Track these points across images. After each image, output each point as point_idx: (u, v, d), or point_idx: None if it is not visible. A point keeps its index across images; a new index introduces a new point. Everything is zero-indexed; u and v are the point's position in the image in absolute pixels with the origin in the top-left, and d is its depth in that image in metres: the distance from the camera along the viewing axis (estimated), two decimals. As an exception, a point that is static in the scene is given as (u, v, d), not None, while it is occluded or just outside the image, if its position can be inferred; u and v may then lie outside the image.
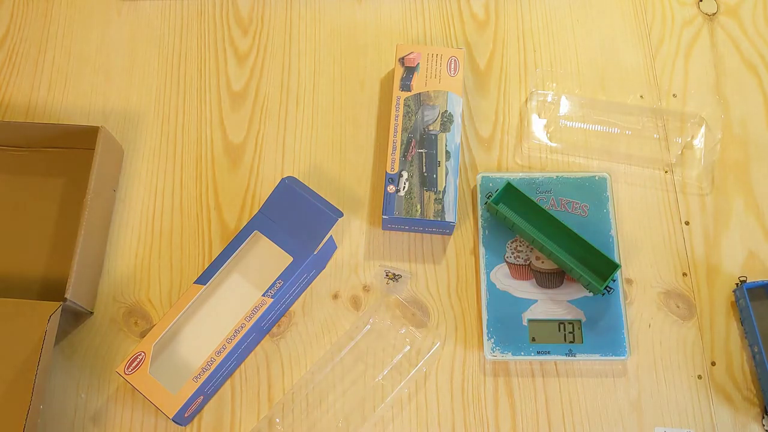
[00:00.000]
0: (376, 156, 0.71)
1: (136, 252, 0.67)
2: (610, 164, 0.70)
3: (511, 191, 0.64)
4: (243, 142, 0.72)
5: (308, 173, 0.71)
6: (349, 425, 0.61)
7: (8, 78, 0.75)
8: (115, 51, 0.76)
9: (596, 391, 0.62)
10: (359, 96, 0.74)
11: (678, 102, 0.73)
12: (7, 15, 0.78)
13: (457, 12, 0.78)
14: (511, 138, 0.72)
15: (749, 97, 0.74)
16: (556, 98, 0.72)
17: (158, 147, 0.72)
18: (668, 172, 0.70)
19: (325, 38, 0.77)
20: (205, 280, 0.61)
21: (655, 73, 0.75)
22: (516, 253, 0.65)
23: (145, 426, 0.61)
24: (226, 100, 0.74)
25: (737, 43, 0.76)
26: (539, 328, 0.62)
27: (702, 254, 0.67)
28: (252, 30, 0.77)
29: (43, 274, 0.66)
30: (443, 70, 0.69)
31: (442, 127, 0.67)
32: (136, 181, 0.70)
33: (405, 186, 0.64)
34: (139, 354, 0.58)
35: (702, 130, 0.71)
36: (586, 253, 0.62)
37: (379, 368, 0.62)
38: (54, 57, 0.76)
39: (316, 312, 0.65)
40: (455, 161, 0.65)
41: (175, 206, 0.69)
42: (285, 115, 0.73)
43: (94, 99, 0.74)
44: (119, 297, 0.65)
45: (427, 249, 0.67)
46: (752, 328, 0.62)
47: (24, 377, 0.55)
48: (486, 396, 0.62)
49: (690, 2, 0.78)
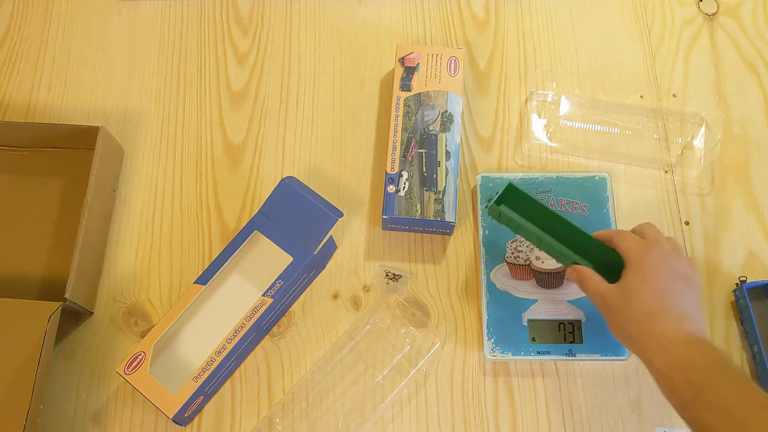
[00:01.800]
0: (376, 156, 0.71)
1: (136, 252, 0.67)
2: (610, 164, 0.70)
3: (512, 192, 0.60)
4: (243, 142, 0.72)
5: (308, 173, 0.71)
6: (349, 425, 0.61)
7: (8, 78, 0.75)
8: (115, 51, 0.76)
9: (596, 391, 0.62)
10: (359, 96, 0.74)
11: (678, 102, 0.73)
12: (7, 15, 0.78)
13: (457, 12, 0.78)
14: (511, 138, 0.72)
15: (749, 97, 0.74)
16: (556, 98, 0.72)
17: (158, 147, 0.72)
18: (668, 172, 0.70)
19: (325, 38, 0.77)
20: (205, 280, 0.61)
21: (655, 73, 0.75)
22: (516, 253, 0.65)
23: (145, 426, 0.61)
24: (226, 100, 0.74)
25: (737, 43, 0.76)
26: (539, 328, 0.62)
27: (702, 254, 0.67)
28: (252, 30, 0.77)
29: (43, 274, 0.66)
30: (443, 70, 0.69)
31: (442, 127, 0.67)
32: (136, 181, 0.70)
33: (405, 186, 0.64)
34: (139, 354, 0.58)
35: (702, 130, 0.71)
36: (597, 250, 0.59)
37: (379, 368, 0.62)
38: (54, 57, 0.76)
39: (316, 312, 0.65)
40: (455, 161, 0.65)
41: (175, 206, 0.69)
42: (285, 115, 0.73)
43: (94, 99, 0.74)
44: (119, 297, 0.65)
45: (427, 249, 0.67)
46: (752, 328, 0.62)
47: (24, 377, 0.55)
48: (486, 396, 0.62)
49: (690, 2, 0.78)
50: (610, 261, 0.57)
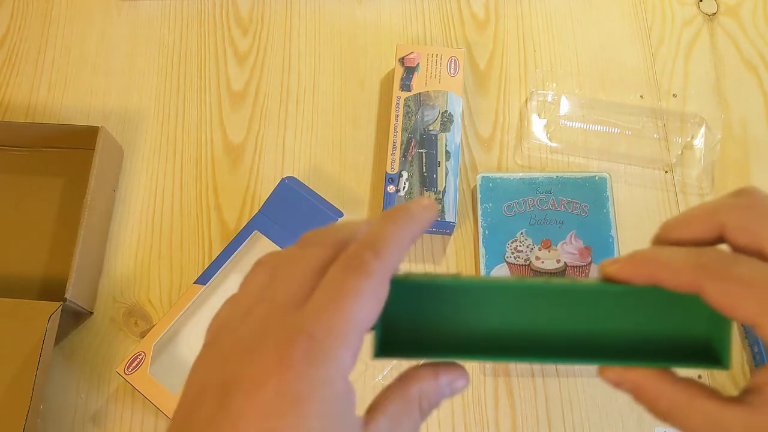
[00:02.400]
0: (376, 156, 0.71)
1: (136, 252, 0.67)
2: (610, 164, 0.70)
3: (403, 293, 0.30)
4: (243, 142, 0.72)
5: (308, 173, 0.71)
6: (349, 425, 0.60)
7: (8, 78, 0.75)
8: (115, 51, 0.76)
9: (596, 391, 0.62)
10: (359, 96, 0.74)
11: (678, 102, 0.73)
12: (7, 15, 0.78)
13: (457, 12, 0.78)
14: (511, 138, 0.72)
15: (749, 97, 0.74)
16: (556, 98, 0.72)
17: (158, 147, 0.72)
18: (668, 172, 0.70)
19: (325, 38, 0.77)
20: (205, 280, 0.61)
21: (655, 73, 0.75)
22: (516, 253, 0.65)
23: (145, 426, 0.61)
24: (226, 100, 0.74)
25: (737, 43, 0.76)
26: (539, 328, 0.62)
27: (702, 254, 0.67)
28: (252, 30, 0.77)
29: (43, 274, 0.66)
30: (443, 70, 0.69)
31: (442, 127, 0.67)
32: (136, 181, 0.70)
33: (405, 186, 0.64)
34: (139, 354, 0.58)
35: (702, 130, 0.71)
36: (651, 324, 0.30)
37: (379, 368, 0.62)
38: (54, 57, 0.76)
39: (316, 312, 0.65)
40: (455, 161, 0.65)
41: (175, 206, 0.69)
42: (285, 115, 0.73)
43: (94, 99, 0.74)
44: (119, 297, 0.65)
45: (427, 249, 0.67)
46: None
47: (24, 377, 0.55)
48: (486, 396, 0.62)
49: (690, 2, 0.78)
50: (683, 333, 0.29)
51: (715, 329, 0.28)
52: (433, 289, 0.30)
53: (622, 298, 0.29)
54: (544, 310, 0.30)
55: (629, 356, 0.28)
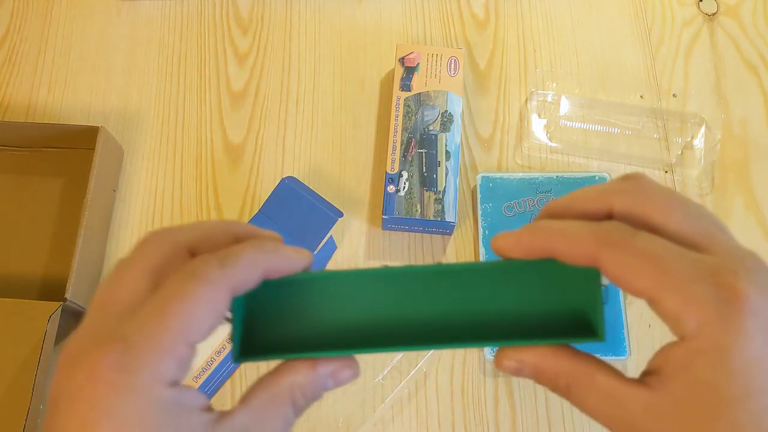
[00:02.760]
0: (376, 156, 0.71)
1: (136, 252, 0.67)
2: (610, 164, 0.70)
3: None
4: (243, 142, 0.72)
5: (308, 173, 0.71)
6: (349, 425, 0.61)
7: (8, 78, 0.75)
8: (115, 51, 0.76)
9: (596, 391, 0.62)
10: (359, 96, 0.74)
11: (678, 102, 0.73)
12: (7, 15, 0.78)
13: (457, 12, 0.78)
14: (511, 138, 0.72)
15: (749, 97, 0.74)
16: (556, 98, 0.72)
17: (158, 147, 0.72)
18: (668, 172, 0.70)
19: (325, 38, 0.77)
20: (205, 280, 0.61)
21: (655, 73, 0.75)
22: (516, 253, 0.65)
23: (145, 426, 0.61)
24: (226, 100, 0.74)
25: (737, 43, 0.76)
26: (539, 328, 0.62)
27: (702, 254, 0.67)
28: (252, 30, 0.77)
29: (43, 274, 0.66)
30: (443, 70, 0.69)
31: (442, 127, 0.67)
32: (136, 181, 0.70)
33: (405, 186, 0.64)
34: (139, 354, 0.58)
35: (702, 130, 0.71)
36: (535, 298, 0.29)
37: (379, 368, 0.62)
38: (54, 57, 0.76)
39: (316, 312, 0.65)
40: (455, 161, 0.65)
41: (175, 206, 0.69)
42: (285, 115, 0.73)
43: (94, 99, 0.74)
44: (119, 297, 0.65)
45: (427, 249, 0.67)
46: (752, 328, 0.62)
47: (24, 377, 0.55)
48: (486, 396, 0.62)
49: (690, 2, 0.78)
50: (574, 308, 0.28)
51: (589, 300, 0.28)
52: (304, 284, 0.29)
53: (510, 275, 0.28)
54: (425, 295, 0.29)
55: (519, 337, 0.28)
